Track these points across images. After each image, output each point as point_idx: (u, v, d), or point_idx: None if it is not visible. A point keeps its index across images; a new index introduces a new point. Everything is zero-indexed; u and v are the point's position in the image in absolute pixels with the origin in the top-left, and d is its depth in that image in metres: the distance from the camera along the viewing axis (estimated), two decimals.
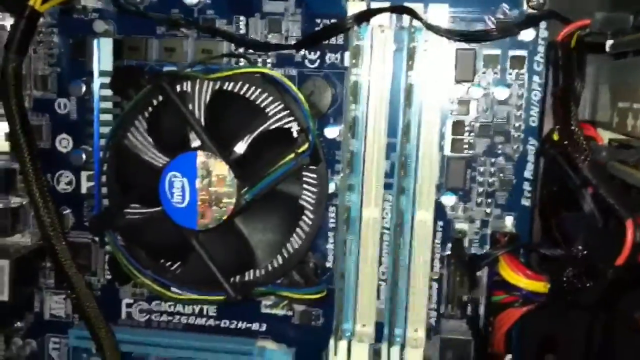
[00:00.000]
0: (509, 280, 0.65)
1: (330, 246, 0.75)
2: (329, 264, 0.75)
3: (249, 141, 0.70)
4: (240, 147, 0.70)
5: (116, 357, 0.72)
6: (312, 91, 0.70)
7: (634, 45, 0.54)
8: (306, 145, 0.66)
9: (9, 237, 0.80)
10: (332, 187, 0.73)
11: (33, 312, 0.81)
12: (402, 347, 0.72)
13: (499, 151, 0.71)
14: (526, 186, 0.71)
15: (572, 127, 0.57)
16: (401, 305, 0.72)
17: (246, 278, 0.73)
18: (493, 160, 0.71)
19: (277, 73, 0.69)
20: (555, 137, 0.60)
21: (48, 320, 0.81)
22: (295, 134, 0.69)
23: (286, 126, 0.70)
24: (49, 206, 0.69)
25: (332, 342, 0.73)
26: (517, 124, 0.70)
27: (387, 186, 0.72)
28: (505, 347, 0.68)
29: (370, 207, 0.72)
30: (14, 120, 0.68)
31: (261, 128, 0.70)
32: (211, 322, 0.79)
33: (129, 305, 0.80)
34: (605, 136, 0.62)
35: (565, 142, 0.57)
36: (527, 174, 0.71)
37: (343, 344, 0.73)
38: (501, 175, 0.71)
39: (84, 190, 0.79)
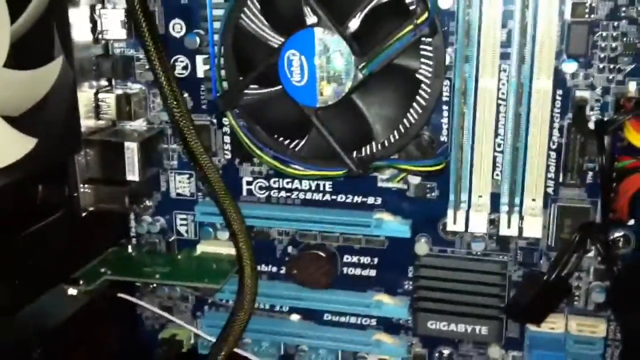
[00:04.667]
0: (636, 145, 0.64)
1: (444, 120, 0.76)
2: (443, 138, 0.76)
3: (362, 17, 0.70)
4: (354, 23, 0.70)
5: (244, 228, 0.76)
6: None
7: None
8: (425, 15, 0.65)
9: (132, 122, 0.84)
10: (446, 60, 0.72)
11: (160, 192, 0.87)
12: (521, 216, 0.73)
13: (623, 14, 0.68)
14: None
15: None
16: (519, 175, 0.73)
17: (363, 154, 0.75)
18: (616, 24, 0.69)
19: None
20: None
21: (174, 199, 0.86)
22: (410, 5, 0.68)
23: None
24: (174, 87, 0.72)
25: (450, 212, 0.75)
26: None
27: (504, 56, 0.71)
28: (628, 213, 0.68)
29: (487, 78, 0.71)
30: (134, 3, 0.70)
31: (375, 1, 0.69)
32: (327, 197, 0.82)
33: (249, 183, 0.84)
34: None
35: None
36: None
37: (461, 214, 0.75)
38: (625, 39, 0.69)
39: (200, 74, 0.81)
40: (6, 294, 0.70)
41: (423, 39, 0.68)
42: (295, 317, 0.87)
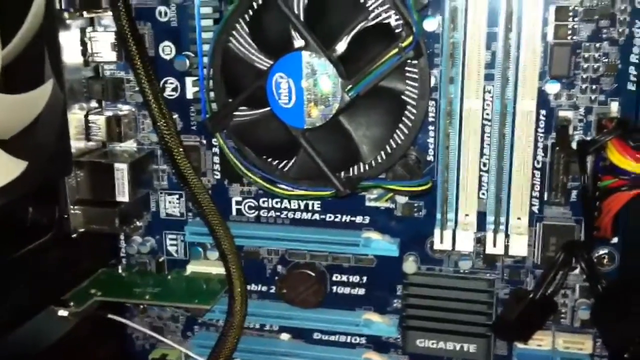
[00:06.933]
0: (617, 165, 0.65)
1: (430, 140, 0.77)
2: (429, 158, 0.77)
3: (349, 39, 0.71)
4: (341, 46, 0.71)
5: (234, 248, 0.77)
6: None
7: None
8: (410, 39, 0.66)
9: (122, 143, 0.84)
10: (432, 81, 0.73)
11: (150, 212, 0.87)
12: (507, 234, 0.74)
13: (604, 36, 0.70)
14: (632, 70, 0.70)
15: None
16: (504, 194, 0.74)
17: (351, 174, 0.76)
18: (598, 45, 0.70)
19: None
20: None
21: (164, 219, 0.87)
22: (395, 29, 0.70)
23: (385, 21, 0.70)
24: (163, 109, 0.73)
25: (437, 231, 0.76)
26: (622, 7, 0.69)
27: (488, 77, 0.72)
28: (612, 231, 0.69)
29: (472, 99, 0.73)
30: (124, 27, 0.71)
31: (361, 25, 0.70)
32: (316, 216, 0.83)
33: (238, 203, 0.84)
34: None
35: None
36: (633, 57, 0.70)
37: (448, 233, 0.75)
38: (606, 60, 0.70)
39: (189, 95, 0.82)
40: None
41: (408, 61, 0.69)
42: (285, 336, 0.88)
